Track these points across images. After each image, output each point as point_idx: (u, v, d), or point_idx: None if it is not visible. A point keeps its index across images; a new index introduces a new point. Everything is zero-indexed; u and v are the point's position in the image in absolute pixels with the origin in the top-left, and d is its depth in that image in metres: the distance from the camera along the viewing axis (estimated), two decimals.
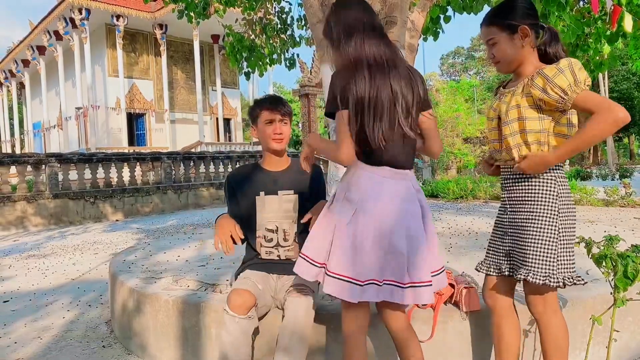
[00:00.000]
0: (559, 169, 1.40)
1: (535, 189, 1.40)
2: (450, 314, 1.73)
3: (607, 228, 3.68)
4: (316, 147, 1.49)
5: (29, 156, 9.29)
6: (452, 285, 1.77)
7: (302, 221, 1.75)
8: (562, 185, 1.40)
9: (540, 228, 1.37)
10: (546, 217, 1.37)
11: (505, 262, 1.49)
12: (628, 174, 12.86)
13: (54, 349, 2.37)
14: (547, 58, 1.42)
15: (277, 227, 1.78)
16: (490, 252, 1.55)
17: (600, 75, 23.63)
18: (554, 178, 1.39)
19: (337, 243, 1.34)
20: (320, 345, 1.77)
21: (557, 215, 1.37)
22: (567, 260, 1.38)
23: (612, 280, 1.51)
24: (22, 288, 3.80)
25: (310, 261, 1.38)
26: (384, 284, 1.32)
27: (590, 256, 1.56)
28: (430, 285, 1.36)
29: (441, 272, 1.44)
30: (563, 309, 1.77)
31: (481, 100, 29.93)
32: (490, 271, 1.54)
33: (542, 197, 1.38)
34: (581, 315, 1.78)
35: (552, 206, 1.37)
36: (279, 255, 1.79)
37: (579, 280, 1.38)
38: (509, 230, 1.47)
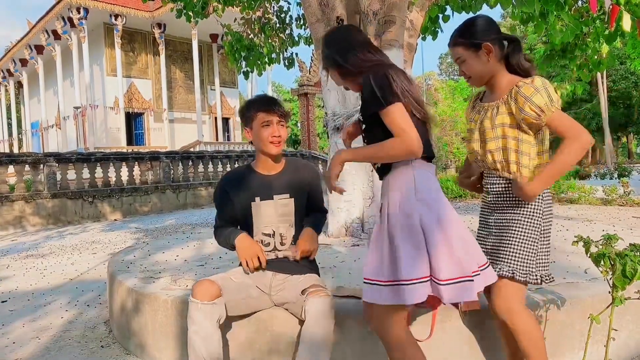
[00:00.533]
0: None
1: None
2: (449, 314, 1.73)
3: (605, 227, 3.69)
4: (358, 158, 1.43)
5: (27, 156, 9.27)
6: None
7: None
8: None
9: (526, 228, 1.46)
10: (532, 218, 1.46)
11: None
12: (627, 173, 12.89)
13: (53, 349, 2.36)
14: (511, 67, 1.51)
15: (274, 232, 1.76)
16: None
17: (599, 74, 23.66)
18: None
19: (435, 248, 1.27)
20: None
21: (541, 216, 1.47)
22: (544, 259, 1.49)
23: (610, 279, 1.52)
24: (20, 288, 3.79)
25: (417, 281, 1.26)
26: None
27: (588, 255, 1.57)
28: (489, 263, 1.41)
29: None
30: (562, 308, 1.78)
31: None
32: None
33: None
34: (580, 314, 1.78)
35: (537, 208, 1.47)
36: (277, 255, 1.78)
37: (551, 279, 1.50)
38: (494, 231, 1.54)
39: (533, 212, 1.46)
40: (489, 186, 1.56)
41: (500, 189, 1.51)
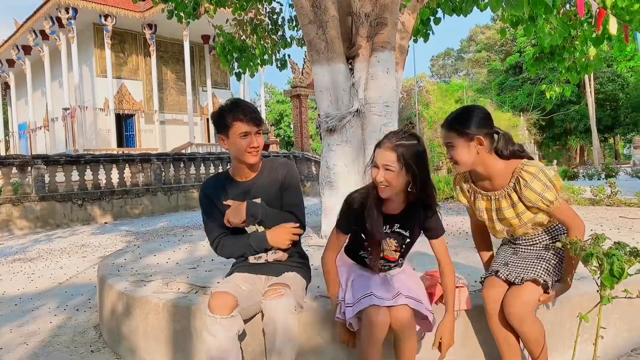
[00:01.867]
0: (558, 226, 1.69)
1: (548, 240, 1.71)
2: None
3: (593, 227, 3.74)
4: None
5: (15, 158, 9.12)
6: None
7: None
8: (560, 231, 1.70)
9: (553, 261, 1.64)
10: (557, 254, 1.65)
11: (506, 269, 1.65)
12: (614, 174, 13.09)
13: (41, 355, 2.32)
14: (505, 157, 1.59)
15: None
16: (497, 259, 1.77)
17: (587, 76, 24.04)
18: (556, 229, 1.70)
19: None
20: (313, 346, 1.76)
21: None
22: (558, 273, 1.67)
23: (598, 278, 1.54)
24: (7, 293, 3.73)
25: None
26: None
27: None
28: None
29: None
30: (552, 307, 1.80)
31: (471, 101, 30.25)
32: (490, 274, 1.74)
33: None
34: (569, 313, 1.81)
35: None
36: (267, 260, 1.77)
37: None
38: (520, 253, 1.72)
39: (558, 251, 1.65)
40: (515, 240, 1.72)
41: (531, 243, 1.70)
